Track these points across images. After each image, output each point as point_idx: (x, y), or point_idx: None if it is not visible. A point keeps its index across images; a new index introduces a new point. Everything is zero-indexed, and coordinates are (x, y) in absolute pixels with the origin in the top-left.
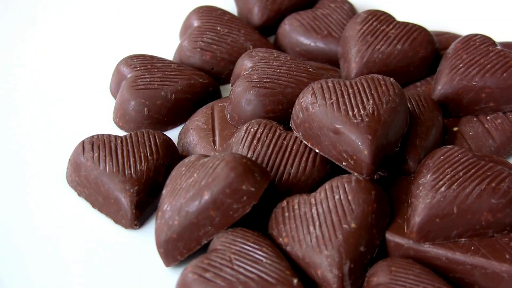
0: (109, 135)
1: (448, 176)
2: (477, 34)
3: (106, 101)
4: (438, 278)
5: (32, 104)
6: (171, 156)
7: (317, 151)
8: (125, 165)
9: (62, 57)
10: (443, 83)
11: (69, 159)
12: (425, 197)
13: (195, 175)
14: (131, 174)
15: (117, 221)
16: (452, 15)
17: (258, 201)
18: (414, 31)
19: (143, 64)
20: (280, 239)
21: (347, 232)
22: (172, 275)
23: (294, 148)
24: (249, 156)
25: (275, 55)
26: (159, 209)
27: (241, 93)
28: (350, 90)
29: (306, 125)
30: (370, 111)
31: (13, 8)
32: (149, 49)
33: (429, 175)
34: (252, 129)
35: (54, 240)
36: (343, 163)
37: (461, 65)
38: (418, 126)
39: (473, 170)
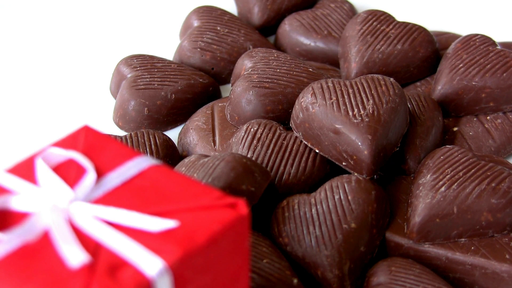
0: (109, 136)
1: (448, 176)
2: (477, 34)
3: (106, 101)
4: (438, 278)
5: (32, 104)
6: (171, 156)
7: (317, 151)
8: None
9: (61, 57)
10: (443, 83)
11: None
12: (425, 197)
13: (195, 175)
14: None
15: None
16: (452, 15)
17: (258, 201)
18: (414, 31)
19: (143, 64)
20: (280, 239)
21: (347, 232)
22: None
23: (294, 148)
24: (249, 156)
25: (275, 55)
26: None
27: (241, 93)
28: (350, 90)
29: (306, 125)
30: (370, 111)
31: (12, 8)
32: (149, 49)
33: (429, 175)
34: (252, 129)
35: None
36: (343, 163)
37: (461, 65)
38: (418, 126)
39: (473, 170)
